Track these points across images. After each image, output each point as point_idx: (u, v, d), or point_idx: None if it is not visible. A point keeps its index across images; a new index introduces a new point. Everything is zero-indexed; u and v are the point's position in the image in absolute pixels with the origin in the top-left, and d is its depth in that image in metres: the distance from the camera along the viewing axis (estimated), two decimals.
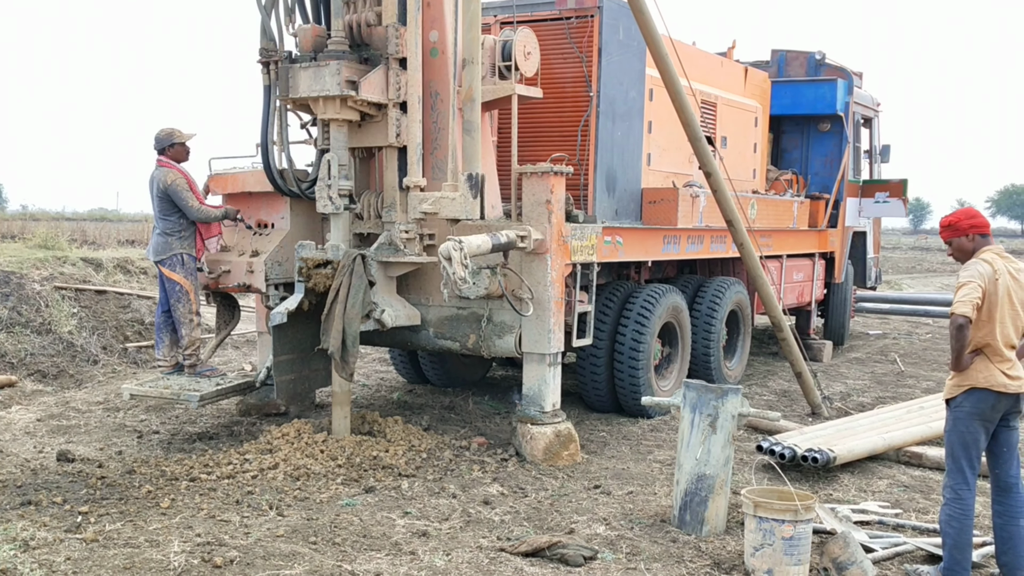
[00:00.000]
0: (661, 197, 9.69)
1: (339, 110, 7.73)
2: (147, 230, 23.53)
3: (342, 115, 7.76)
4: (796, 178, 13.73)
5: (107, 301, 12.68)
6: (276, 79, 8.04)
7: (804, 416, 9.99)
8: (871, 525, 6.48)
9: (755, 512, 5.46)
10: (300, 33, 8.01)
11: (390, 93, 7.84)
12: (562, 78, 9.07)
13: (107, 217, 51.45)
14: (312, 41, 7.93)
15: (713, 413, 6.16)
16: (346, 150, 7.96)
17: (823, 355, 13.81)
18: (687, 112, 8.64)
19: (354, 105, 7.75)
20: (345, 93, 7.58)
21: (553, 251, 7.78)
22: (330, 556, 5.52)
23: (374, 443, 7.80)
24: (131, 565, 5.25)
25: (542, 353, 7.91)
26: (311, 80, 7.68)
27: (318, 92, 7.66)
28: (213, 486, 6.81)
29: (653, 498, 6.93)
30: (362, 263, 7.74)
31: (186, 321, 8.46)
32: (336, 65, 7.57)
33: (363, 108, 7.83)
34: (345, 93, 7.58)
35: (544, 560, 5.62)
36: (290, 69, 7.79)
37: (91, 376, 10.98)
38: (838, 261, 14.36)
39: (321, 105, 7.77)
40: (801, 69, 14.08)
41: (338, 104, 7.70)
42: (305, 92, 7.73)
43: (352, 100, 7.68)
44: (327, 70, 7.60)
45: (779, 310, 9.98)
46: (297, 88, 7.76)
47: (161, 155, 8.49)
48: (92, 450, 7.88)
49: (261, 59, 8.15)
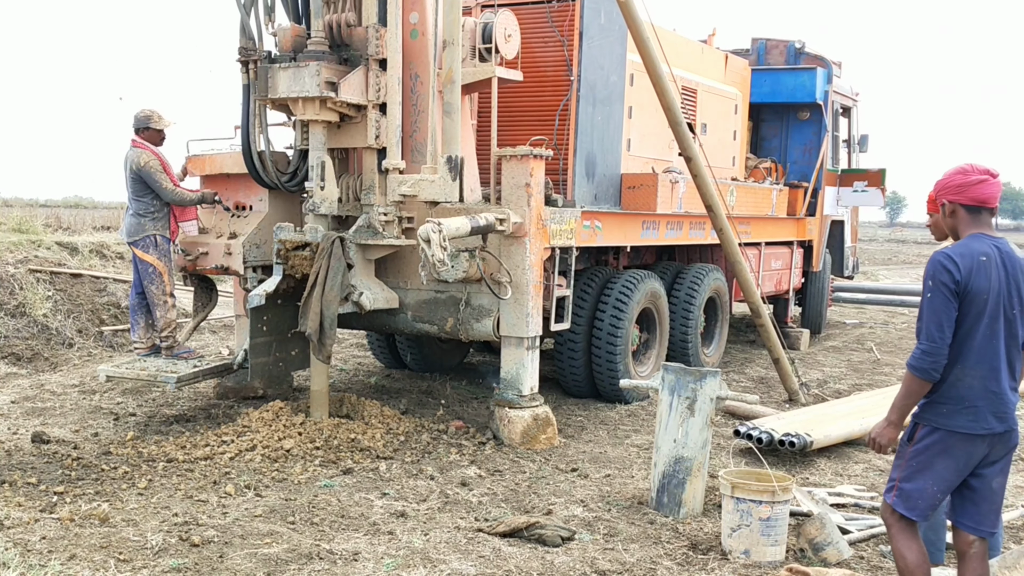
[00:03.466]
0: (641, 183, 9.71)
1: (318, 111, 7.69)
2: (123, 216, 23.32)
3: (321, 116, 7.72)
4: (775, 166, 13.78)
5: (82, 284, 12.59)
6: (255, 78, 7.99)
7: (781, 402, 10.05)
8: (847, 508, 6.54)
9: (733, 493, 5.50)
10: (280, 33, 7.96)
11: (370, 94, 7.80)
12: (543, 62, 9.06)
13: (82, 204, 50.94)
14: (292, 41, 7.88)
15: (691, 395, 6.19)
16: (326, 151, 7.92)
17: (800, 343, 13.88)
18: (668, 97, 8.66)
19: (333, 106, 7.72)
20: (324, 94, 7.54)
21: (532, 235, 7.78)
22: (308, 535, 5.52)
23: (352, 426, 7.80)
24: (107, 544, 5.23)
25: (520, 337, 7.92)
26: (290, 81, 7.64)
27: (297, 93, 7.62)
28: (191, 467, 6.79)
29: (631, 481, 6.96)
30: (340, 246, 7.73)
31: (160, 303, 8.42)
32: (316, 66, 7.52)
33: (342, 109, 7.80)
34: (324, 94, 7.54)
35: (522, 540, 5.64)
36: (269, 69, 7.75)
37: (66, 359, 10.90)
38: (816, 249, 14.43)
39: (300, 106, 7.72)
40: (781, 57, 14.12)
41: (317, 105, 7.66)
42: (284, 93, 7.69)
43: (332, 101, 7.64)
44: (306, 71, 7.56)
45: (758, 297, 10.04)
46: (276, 88, 7.71)
47: (137, 135, 8.45)
48: (67, 432, 7.84)
49: (240, 58, 8.10)
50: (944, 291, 4.05)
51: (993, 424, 4.12)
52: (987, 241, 4.16)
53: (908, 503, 4.26)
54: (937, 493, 4.22)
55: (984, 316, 4.08)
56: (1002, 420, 4.13)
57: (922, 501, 4.23)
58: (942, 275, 4.06)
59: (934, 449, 4.18)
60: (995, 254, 4.12)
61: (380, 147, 7.91)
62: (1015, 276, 4.14)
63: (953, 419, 4.13)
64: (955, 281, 4.05)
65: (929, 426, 4.20)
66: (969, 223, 4.23)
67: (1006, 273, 4.12)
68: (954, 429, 4.13)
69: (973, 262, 4.07)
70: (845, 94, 14.88)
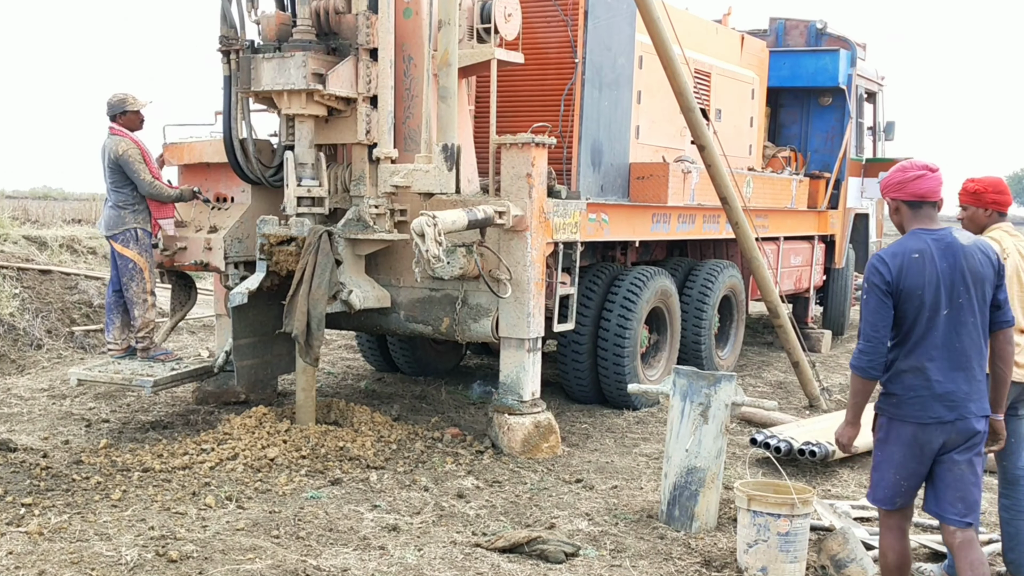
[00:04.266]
0: (650, 172, 9.71)
1: (305, 105, 7.68)
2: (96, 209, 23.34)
3: (308, 110, 7.72)
4: (795, 155, 13.79)
5: (52, 282, 12.60)
6: (237, 69, 7.97)
7: (801, 409, 10.06)
8: (872, 522, 6.55)
9: (749, 506, 5.50)
10: (263, 20, 7.95)
11: (360, 87, 7.80)
12: (545, 43, 9.06)
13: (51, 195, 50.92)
14: (276, 29, 7.87)
15: (705, 401, 6.20)
16: (312, 147, 7.91)
17: (822, 345, 13.89)
18: (680, 81, 8.66)
19: (321, 100, 7.71)
20: (311, 87, 7.52)
21: (533, 228, 7.79)
22: (294, 551, 5.53)
23: (341, 433, 7.81)
24: (79, 559, 5.24)
25: (521, 338, 7.93)
26: (275, 72, 7.62)
27: (282, 85, 7.61)
28: (168, 477, 6.80)
29: (639, 493, 6.97)
30: (328, 240, 7.73)
31: (139, 301, 8.41)
32: (302, 56, 7.51)
33: (330, 103, 7.79)
34: (311, 87, 7.52)
35: (522, 556, 5.65)
36: (252, 59, 7.73)
37: (35, 361, 10.92)
38: (839, 245, 14.44)
39: (285, 99, 7.70)
40: (801, 38, 14.11)
41: (304, 99, 7.64)
42: (268, 85, 7.67)
43: (319, 94, 7.63)
44: (292, 61, 7.55)
45: (776, 295, 10.05)
46: (260, 80, 7.69)
47: (113, 122, 8.43)
48: (36, 439, 7.84)
49: (221, 47, 8.09)
50: (876, 292, 4.46)
51: (941, 413, 4.45)
52: (924, 236, 4.50)
53: (875, 493, 4.69)
54: (900, 481, 4.59)
55: (924, 310, 4.44)
56: (951, 409, 4.45)
57: (885, 489, 4.63)
58: (874, 276, 4.48)
59: (891, 438, 4.60)
60: (930, 249, 4.46)
61: (371, 143, 7.92)
62: (959, 265, 4.46)
63: (902, 409, 4.53)
64: (886, 282, 4.45)
65: (885, 416, 4.64)
66: (911, 218, 4.59)
67: (949, 264, 4.45)
68: (904, 419, 4.54)
69: (904, 260, 4.45)
70: (870, 78, 14.88)
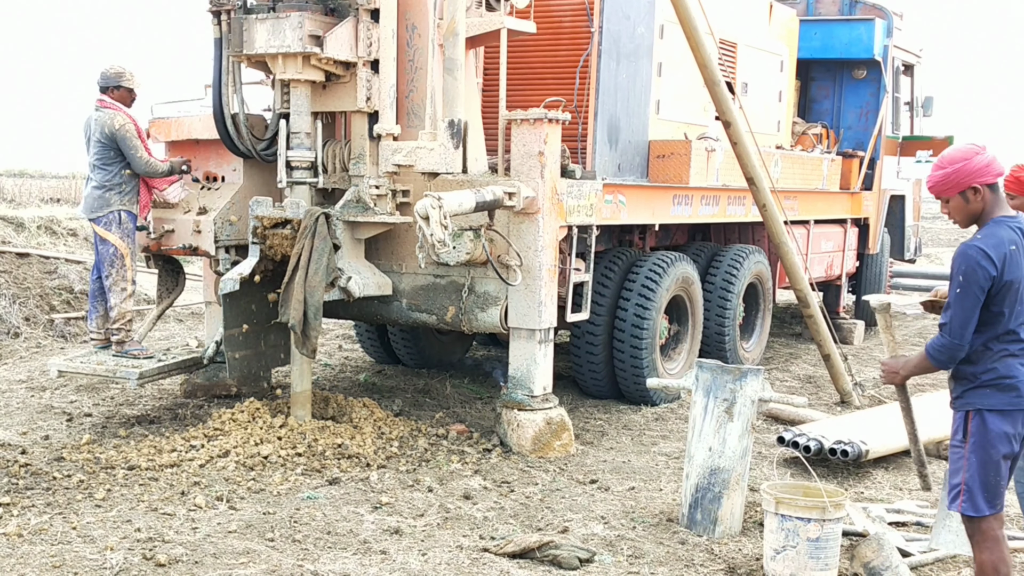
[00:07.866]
0: (671, 151, 9.69)
1: (301, 69, 7.65)
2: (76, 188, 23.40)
3: (304, 75, 7.69)
4: (826, 132, 13.76)
5: (30, 266, 12.64)
6: (228, 31, 7.96)
7: (832, 405, 10.07)
8: (908, 527, 6.55)
9: (777, 510, 5.50)
10: None
11: (360, 50, 7.77)
12: (559, 11, 9.05)
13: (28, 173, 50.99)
14: None
15: (730, 397, 6.20)
16: (308, 115, 7.90)
17: (854, 337, 13.88)
18: (704, 52, 8.64)
19: (318, 64, 7.68)
20: (308, 50, 7.49)
21: (545, 211, 7.78)
22: (289, 555, 5.56)
23: (339, 429, 7.82)
24: (61, 563, 5.27)
25: (531, 329, 7.93)
26: (269, 34, 7.60)
27: (277, 48, 7.58)
28: (155, 475, 6.83)
29: (658, 495, 6.99)
30: (326, 223, 7.73)
31: (118, 289, 8.35)
32: (298, 17, 7.49)
33: (328, 67, 7.77)
34: (308, 50, 7.49)
35: (534, 562, 5.67)
36: (244, 20, 7.70)
37: (12, 351, 10.96)
38: (873, 229, 14.41)
39: (280, 63, 7.68)
40: (834, 7, 14.07)
41: (300, 62, 7.62)
42: (262, 48, 7.64)
43: (316, 58, 7.61)
44: (287, 23, 7.52)
45: (806, 283, 10.03)
46: (253, 43, 7.66)
47: (104, 94, 8.36)
48: (14, 434, 7.88)
49: (211, 7, 8.07)
50: (976, 289, 4.43)
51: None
52: (1010, 224, 4.52)
53: (975, 502, 4.58)
54: (999, 480, 4.60)
55: (1017, 303, 4.51)
56: None
57: (987, 492, 4.57)
58: (979, 271, 4.41)
59: (987, 435, 4.56)
60: (1018, 238, 4.50)
61: (371, 111, 7.90)
62: None
63: (995, 398, 4.54)
64: (991, 277, 4.42)
65: (978, 416, 4.58)
66: (995, 203, 4.57)
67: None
68: (997, 408, 4.54)
69: (1005, 252, 4.43)
70: (907, 50, 14.81)
